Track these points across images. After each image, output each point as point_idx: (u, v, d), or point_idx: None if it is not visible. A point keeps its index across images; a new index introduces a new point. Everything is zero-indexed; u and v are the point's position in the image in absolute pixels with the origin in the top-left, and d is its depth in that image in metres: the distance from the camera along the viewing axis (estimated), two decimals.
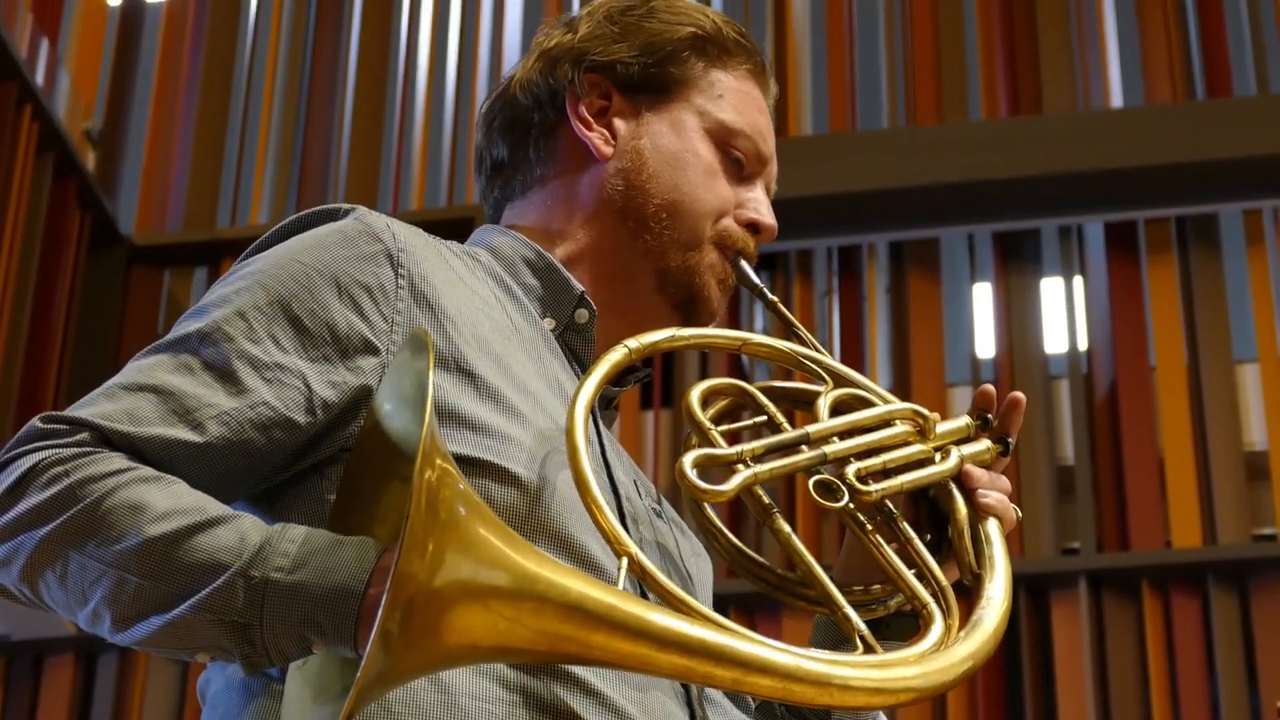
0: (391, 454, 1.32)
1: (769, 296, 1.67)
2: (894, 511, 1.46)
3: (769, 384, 1.55)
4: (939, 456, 1.49)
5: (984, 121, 4.95)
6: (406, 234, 1.51)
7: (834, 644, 1.54)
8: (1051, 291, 5.00)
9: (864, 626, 1.37)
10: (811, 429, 1.44)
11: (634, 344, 1.46)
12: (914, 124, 4.97)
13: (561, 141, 1.68)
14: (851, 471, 1.42)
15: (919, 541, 1.45)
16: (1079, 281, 4.88)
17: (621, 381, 1.64)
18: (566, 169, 1.68)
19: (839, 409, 1.50)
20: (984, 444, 1.54)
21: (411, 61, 5.33)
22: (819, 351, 1.57)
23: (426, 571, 1.17)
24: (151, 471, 1.33)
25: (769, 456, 1.41)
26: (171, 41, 5.39)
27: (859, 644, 1.35)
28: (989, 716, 4.43)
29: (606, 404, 1.65)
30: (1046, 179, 4.76)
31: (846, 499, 1.41)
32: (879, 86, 5.13)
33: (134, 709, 4.64)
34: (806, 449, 1.42)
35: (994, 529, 1.48)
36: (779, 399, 1.54)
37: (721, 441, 1.43)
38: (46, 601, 1.35)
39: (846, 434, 1.46)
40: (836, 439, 1.45)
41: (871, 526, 1.45)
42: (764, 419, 1.50)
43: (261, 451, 1.39)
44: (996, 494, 1.50)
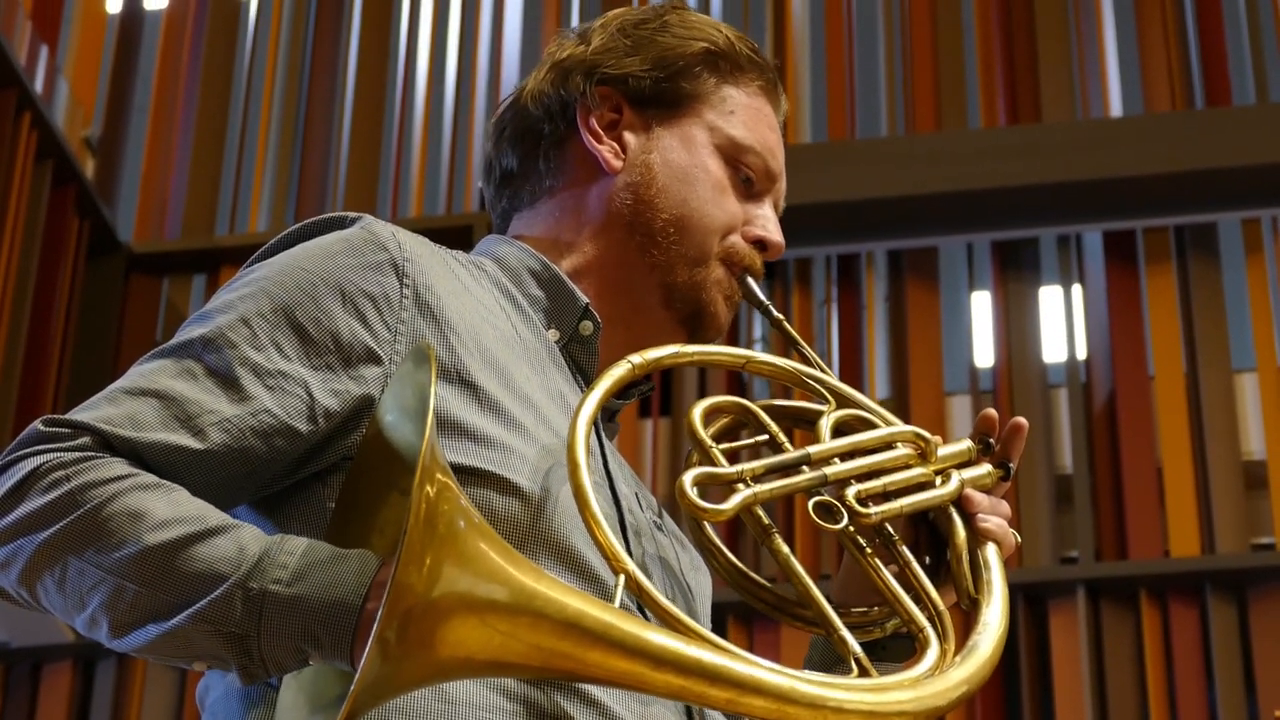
0: (392, 465, 1.32)
1: (775, 314, 1.67)
2: (893, 534, 1.46)
3: (771, 402, 1.55)
4: (940, 480, 1.49)
5: (983, 130, 4.95)
6: (412, 243, 1.50)
7: (830, 663, 1.54)
8: (1050, 300, 5.00)
9: (859, 649, 1.37)
10: (813, 450, 1.44)
11: (637, 359, 1.45)
12: (913, 133, 4.97)
13: (571, 153, 1.68)
14: (851, 493, 1.42)
15: (917, 565, 1.45)
16: (1078, 290, 4.88)
17: (624, 394, 1.64)
18: (575, 181, 1.67)
19: (841, 430, 1.50)
20: (985, 468, 1.54)
21: (410, 70, 5.33)
22: (823, 371, 1.57)
23: (424, 583, 1.17)
24: (152, 478, 1.33)
25: (769, 476, 1.41)
26: (170, 49, 5.38)
27: (854, 666, 1.36)
28: None
29: (609, 416, 1.65)
30: (1045, 188, 4.76)
31: (846, 521, 1.41)
32: (878, 95, 5.13)
33: (132, 716, 4.63)
34: (807, 470, 1.42)
35: (993, 554, 1.48)
36: (780, 417, 1.54)
37: (723, 460, 1.43)
38: (44, 605, 1.34)
39: (848, 455, 1.45)
40: (838, 460, 1.44)
41: (870, 549, 1.45)
42: (765, 437, 1.50)
43: (263, 459, 1.39)
44: (996, 519, 1.50)
